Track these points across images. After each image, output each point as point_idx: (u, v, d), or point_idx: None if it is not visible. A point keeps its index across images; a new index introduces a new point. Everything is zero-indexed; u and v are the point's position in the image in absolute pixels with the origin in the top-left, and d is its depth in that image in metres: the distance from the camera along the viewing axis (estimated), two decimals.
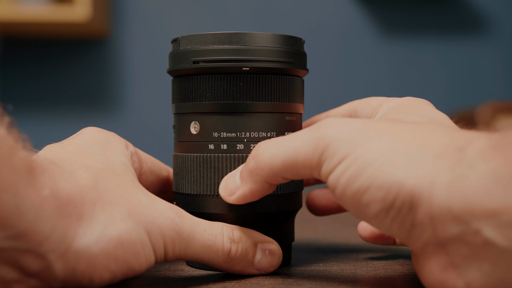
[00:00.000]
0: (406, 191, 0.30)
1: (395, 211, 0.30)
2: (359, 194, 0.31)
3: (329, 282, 0.37)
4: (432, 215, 0.29)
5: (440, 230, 0.29)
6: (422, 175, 0.30)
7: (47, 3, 1.68)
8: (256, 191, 0.37)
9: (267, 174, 0.35)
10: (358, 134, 0.32)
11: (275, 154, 0.35)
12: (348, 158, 0.32)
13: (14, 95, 1.86)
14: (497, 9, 1.92)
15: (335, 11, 1.90)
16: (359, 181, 0.31)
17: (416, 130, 0.32)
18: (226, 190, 0.38)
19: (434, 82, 1.91)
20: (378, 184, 0.30)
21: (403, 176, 0.30)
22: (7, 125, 0.30)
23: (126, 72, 1.88)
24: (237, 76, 0.39)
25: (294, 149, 0.34)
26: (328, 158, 0.32)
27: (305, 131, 0.34)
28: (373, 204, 0.31)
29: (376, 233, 0.45)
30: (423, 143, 0.31)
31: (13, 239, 0.28)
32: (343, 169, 0.32)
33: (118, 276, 0.33)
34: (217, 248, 0.36)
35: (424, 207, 0.29)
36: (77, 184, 0.32)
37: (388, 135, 0.32)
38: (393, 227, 0.31)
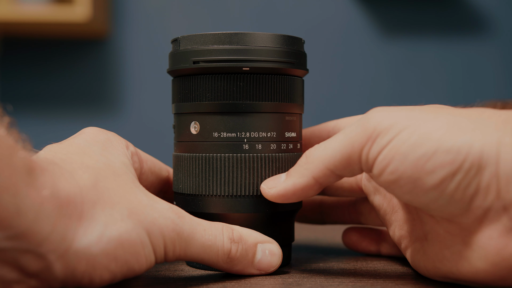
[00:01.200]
0: (475, 153, 0.30)
1: (462, 175, 0.30)
2: (424, 160, 0.31)
3: (329, 282, 0.37)
4: (499, 176, 0.30)
5: (504, 191, 0.30)
6: (489, 137, 0.30)
7: (47, 3, 1.68)
8: (299, 187, 0.37)
9: (317, 167, 0.35)
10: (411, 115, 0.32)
11: (326, 147, 0.35)
12: (408, 129, 0.31)
13: (14, 95, 1.85)
14: (497, 9, 1.92)
15: (335, 11, 1.90)
16: (424, 147, 0.31)
17: (468, 110, 0.33)
18: (269, 183, 0.38)
19: (434, 82, 1.91)
20: (446, 148, 0.30)
21: (470, 139, 0.30)
22: (7, 125, 0.30)
23: (126, 72, 1.88)
24: (237, 76, 0.39)
25: (344, 136, 0.34)
26: (382, 134, 0.32)
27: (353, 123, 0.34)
28: (439, 169, 0.31)
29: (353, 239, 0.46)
30: (481, 116, 0.32)
31: (13, 239, 0.28)
32: (403, 138, 0.31)
33: (118, 276, 0.33)
34: (217, 248, 0.36)
35: (491, 168, 0.30)
36: (77, 184, 0.32)
37: (444, 113, 0.32)
38: (457, 194, 0.31)
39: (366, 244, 0.46)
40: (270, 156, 0.40)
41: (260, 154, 0.40)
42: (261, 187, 0.39)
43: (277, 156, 0.40)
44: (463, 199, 0.31)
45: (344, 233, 0.47)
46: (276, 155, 0.40)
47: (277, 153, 0.40)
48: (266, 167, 0.40)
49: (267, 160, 0.40)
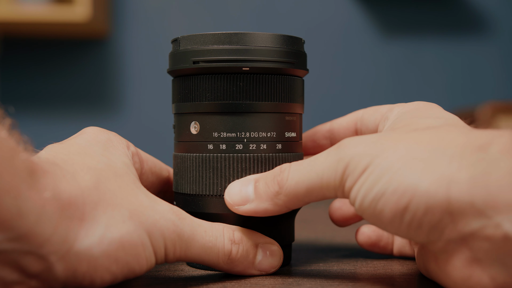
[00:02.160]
0: (421, 194, 0.30)
1: (410, 215, 0.31)
2: (375, 201, 0.32)
3: (329, 282, 0.37)
4: (452, 212, 0.30)
5: (461, 224, 0.30)
6: (438, 177, 0.30)
7: (47, 3, 1.68)
8: (270, 212, 0.37)
9: (291, 200, 0.36)
10: (375, 147, 0.33)
11: (299, 182, 0.35)
12: (368, 169, 0.32)
13: (14, 95, 1.86)
14: (497, 9, 1.92)
15: (335, 11, 1.90)
16: (376, 188, 0.32)
17: (431, 134, 0.33)
18: (235, 198, 0.38)
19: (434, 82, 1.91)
20: (392, 189, 0.31)
21: (417, 180, 0.30)
22: (8, 127, 0.30)
23: (126, 72, 1.88)
24: (237, 76, 0.39)
25: (317, 175, 0.35)
26: (351, 174, 0.33)
27: (324, 155, 0.35)
28: (387, 209, 0.31)
29: (372, 238, 0.45)
30: (439, 145, 0.32)
31: (15, 241, 0.28)
32: (363, 179, 0.32)
33: (118, 277, 0.33)
34: (218, 249, 0.36)
35: (441, 206, 0.30)
36: (78, 186, 0.32)
37: (404, 143, 0.33)
38: (410, 232, 0.32)
39: (384, 244, 0.46)
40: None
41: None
42: (225, 198, 0.38)
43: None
44: (419, 234, 0.31)
45: (359, 232, 0.46)
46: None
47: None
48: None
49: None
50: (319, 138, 0.47)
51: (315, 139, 0.47)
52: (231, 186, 0.38)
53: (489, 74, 1.92)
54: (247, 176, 0.39)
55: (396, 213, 0.31)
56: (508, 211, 0.28)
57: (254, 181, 0.38)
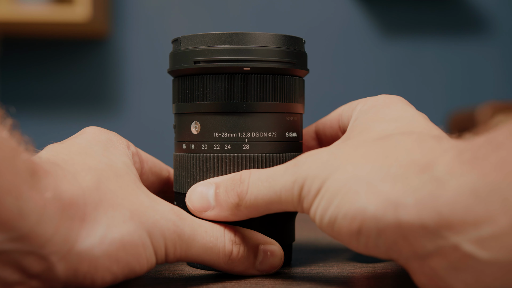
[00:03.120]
0: (370, 217, 0.30)
1: (364, 238, 0.31)
2: (331, 224, 0.32)
3: (329, 282, 0.37)
4: (405, 235, 0.29)
5: (417, 246, 0.29)
6: (384, 200, 0.30)
7: (47, 3, 1.68)
8: (231, 220, 0.38)
9: (252, 212, 0.37)
10: (325, 168, 0.33)
11: (258, 197, 0.36)
12: (320, 193, 0.33)
13: (14, 95, 1.86)
14: (497, 9, 1.92)
15: (335, 11, 1.90)
16: (328, 212, 0.32)
17: (378, 149, 0.33)
18: (197, 204, 0.38)
19: (434, 82, 1.91)
20: (343, 214, 0.31)
21: (364, 203, 0.30)
22: (9, 128, 0.30)
23: (126, 72, 1.88)
24: (238, 76, 0.39)
25: (275, 193, 0.35)
26: (306, 197, 0.34)
27: (282, 172, 0.35)
28: (342, 232, 0.32)
29: None
30: (384, 163, 0.31)
31: (16, 241, 0.28)
32: (317, 203, 0.33)
33: (119, 277, 0.33)
34: (219, 250, 0.37)
35: (392, 229, 0.30)
36: (79, 186, 0.32)
37: (351, 162, 0.33)
38: (370, 251, 0.32)
39: None
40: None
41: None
42: (186, 202, 0.38)
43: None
44: (379, 253, 0.31)
45: None
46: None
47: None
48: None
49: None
50: (307, 140, 0.47)
51: (303, 141, 0.47)
52: (191, 191, 0.38)
53: (489, 74, 1.92)
54: (209, 179, 0.39)
55: (351, 236, 0.31)
56: (464, 231, 0.28)
57: (215, 187, 0.38)
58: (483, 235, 0.27)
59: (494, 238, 0.27)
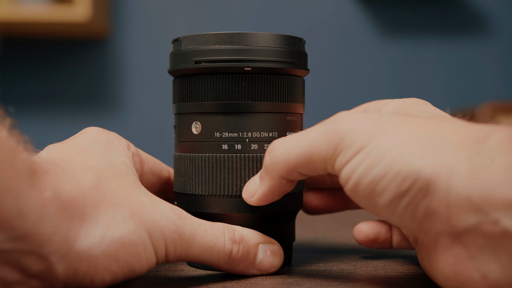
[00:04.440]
0: (423, 179, 0.30)
1: (409, 198, 0.30)
2: (374, 183, 0.31)
3: (329, 282, 0.37)
4: (449, 204, 0.29)
5: (456, 220, 0.29)
6: (441, 164, 0.30)
7: (47, 3, 1.68)
8: (274, 188, 0.37)
9: (283, 168, 0.36)
10: (374, 126, 0.32)
11: (290, 149, 0.35)
12: (365, 149, 0.32)
13: (14, 95, 1.86)
14: (497, 9, 1.92)
15: (335, 10, 1.90)
16: (375, 170, 0.31)
17: (432, 123, 0.33)
18: (248, 192, 0.38)
19: (434, 82, 1.91)
20: (394, 172, 0.31)
21: (420, 165, 0.30)
22: (8, 127, 0.30)
23: (126, 72, 1.88)
24: (239, 76, 0.39)
25: (309, 142, 0.34)
26: (344, 150, 0.33)
27: (319, 125, 0.34)
28: (387, 191, 0.31)
29: (370, 236, 0.45)
30: (441, 133, 0.31)
31: (15, 240, 0.28)
32: (359, 159, 0.32)
33: (119, 277, 0.33)
34: (218, 249, 0.36)
35: (440, 195, 0.30)
36: (79, 186, 0.32)
37: (406, 127, 0.32)
38: (405, 216, 0.31)
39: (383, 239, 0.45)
40: None
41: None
42: (243, 196, 0.39)
43: None
44: (413, 221, 0.31)
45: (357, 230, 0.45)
46: None
47: None
48: None
49: None
50: None
51: None
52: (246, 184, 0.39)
53: (489, 74, 1.92)
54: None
55: (395, 197, 0.31)
56: (505, 208, 0.28)
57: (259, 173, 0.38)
58: None
59: None
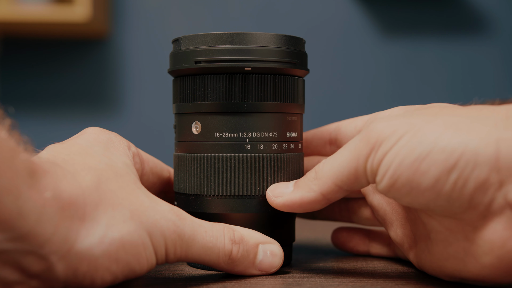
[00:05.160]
0: (471, 150, 0.30)
1: (457, 173, 0.31)
2: (418, 162, 0.31)
3: (329, 282, 0.37)
4: (499, 169, 0.30)
5: (507, 183, 0.30)
6: (486, 134, 0.30)
7: (47, 3, 1.68)
8: (306, 201, 0.37)
9: (325, 183, 0.36)
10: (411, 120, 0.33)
11: (333, 163, 0.36)
12: (407, 134, 0.32)
13: (14, 95, 1.85)
14: (497, 9, 1.92)
15: (335, 11, 1.90)
16: (419, 149, 0.31)
17: (467, 108, 0.34)
18: (275, 191, 0.39)
19: (434, 82, 1.91)
20: (440, 148, 0.31)
21: (466, 138, 0.31)
22: (8, 127, 0.30)
23: (126, 72, 1.88)
24: (239, 76, 0.39)
25: (349, 150, 0.35)
26: (385, 141, 0.33)
27: (356, 136, 0.35)
28: (433, 168, 0.31)
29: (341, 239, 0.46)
30: (480, 114, 0.32)
31: (15, 241, 0.28)
32: (402, 143, 0.32)
33: (119, 277, 0.33)
34: (218, 249, 0.36)
35: (490, 162, 0.30)
36: (79, 186, 0.32)
37: (442, 115, 0.33)
38: (454, 194, 0.31)
39: (354, 244, 0.46)
40: (272, 156, 0.40)
41: (262, 154, 0.40)
42: (266, 193, 0.39)
43: (279, 156, 0.40)
44: (462, 197, 0.31)
45: (333, 232, 0.48)
46: (277, 155, 0.40)
47: (279, 153, 0.40)
48: (268, 167, 0.40)
49: (268, 160, 0.40)
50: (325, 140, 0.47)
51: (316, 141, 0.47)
52: (273, 184, 0.39)
53: (489, 73, 1.92)
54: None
55: (443, 172, 0.31)
56: None
57: (295, 181, 0.39)
58: None
59: None
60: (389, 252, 0.45)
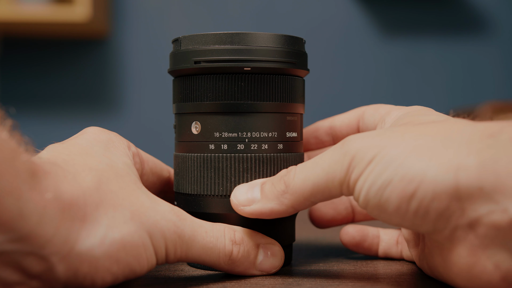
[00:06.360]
0: (428, 181, 0.30)
1: (417, 202, 0.31)
2: (382, 189, 0.32)
3: (329, 282, 0.37)
4: (460, 197, 0.30)
5: (469, 210, 0.30)
6: (446, 163, 0.30)
7: (47, 3, 1.68)
8: (275, 212, 0.37)
9: (297, 199, 0.36)
10: (381, 139, 0.33)
11: (305, 179, 0.35)
12: (375, 159, 0.32)
13: (14, 95, 1.85)
14: (497, 9, 1.92)
15: (335, 11, 1.90)
16: (383, 177, 0.32)
17: (437, 126, 0.33)
18: (241, 199, 0.38)
19: (434, 82, 1.91)
20: (400, 177, 0.31)
21: (425, 167, 0.30)
22: (9, 128, 0.30)
23: (126, 72, 1.88)
24: (239, 76, 0.39)
25: (323, 170, 0.34)
26: (357, 166, 0.33)
27: (330, 152, 0.35)
28: (393, 197, 0.31)
29: (356, 238, 0.45)
30: (447, 135, 0.32)
31: (16, 242, 0.28)
32: (370, 170, 0.32)
33: (119, 278, 0.33)
34: (219, 250, 0.36)
35: (450, 192, 0.30)
36: (80, 187, 0.32)
37: (411, 134, 0.33)
38: (416, 220, 0.31)
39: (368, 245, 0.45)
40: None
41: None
42: (231, 198, 0.38)
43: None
44: (425, 223, 0.31)
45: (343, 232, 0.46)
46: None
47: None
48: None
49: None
50: (321, 135, 0.47)
51: (317, 135, 0.47)
52: (237, 188, 0.38)
53: (489, 74, 1.92)
54: (254, 180, 0.39)
55: (403, 201, 0.31)
56: None
57: (261, 184, 0.38)
58: None
59: None
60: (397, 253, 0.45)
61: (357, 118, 0.45)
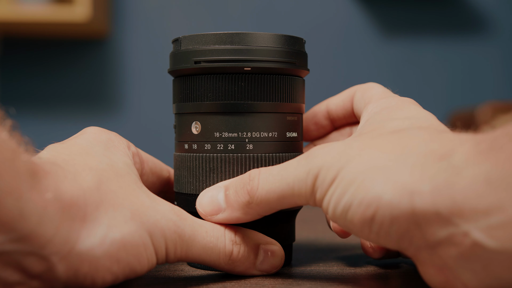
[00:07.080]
0: (385, 205, 0.30)
1: (377, 225, 0.31)
2: (345, 212, 0.32)
3: (329, 282, 0.37)
4: (418, 222, 0.30)
5: (429, 234, 0.30)
6: (401, 187, 0.30)
7: (47, 3, 1.68)
8: (242, 220, 0.37)
9: (263, 208, 0.36)
10: (341, 158, 0.33)
11: (269, 191, 0.35)
12: (335, 181, 0.33)
13: (14, 95, 1.85)
14: (497, 9, 1.92)
15: (335, 11, 1.90)
16: (343, 200, 0.32)
17: (395, 139, 0.33)
18: (207, 209, 0.38)
19: (434, 82, 1.91)
20: (358, 201, 0.31)
21: (380, 191, 0.30)
22: (9, 128, 0.30)
23: (126, 72, 1.88)
24: (239, 76, 0.39)
25: (288, 185, 0.35)
26: (320, 186, 0.33)
27: (295, 165, 0.35)
28: (355, 220, 0.32)
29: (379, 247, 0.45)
30: (401, 152, 0.32)
31: (16, 242, 0.28)
32: (332, 191, 0.33)
33: (120, 277, 0.33)
34: (219, 250, 0.37)
35: (406, 216, 0.30)
36: (80, 187, 0.32)
37: (368, 151, 0.33)
38: (380, 240, 0.32)
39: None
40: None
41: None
42: (197, 208, 0.38)
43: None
44: (389, 243, 0.32)
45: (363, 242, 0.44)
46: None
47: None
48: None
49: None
50: (320, 120, 0.47)
51: (317, 121, 0.47)
52: (201, 196, 0.38)
53: (489, 74, 1.92)
54: (217, 184, 0.39)
55: (364, 224, 0.31)
56: (475, 219, 0.28)
57: (224, 189, 0.38)
58: (492, 224, 0.28)
59: (503, 227, 0.27)
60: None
61: (350, 100, 0.45)
